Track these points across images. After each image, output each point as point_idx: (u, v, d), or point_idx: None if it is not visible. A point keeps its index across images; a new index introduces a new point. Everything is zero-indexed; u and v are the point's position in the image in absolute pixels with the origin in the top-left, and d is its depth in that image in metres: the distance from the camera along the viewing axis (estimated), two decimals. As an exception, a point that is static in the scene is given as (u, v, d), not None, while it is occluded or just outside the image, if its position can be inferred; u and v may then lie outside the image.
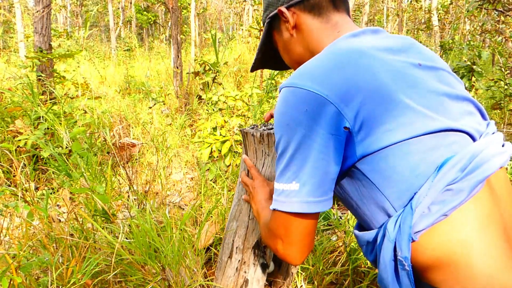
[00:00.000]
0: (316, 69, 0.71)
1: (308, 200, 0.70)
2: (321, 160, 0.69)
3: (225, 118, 3.22)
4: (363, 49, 0.73)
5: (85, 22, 6.03)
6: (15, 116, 3.17)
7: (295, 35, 0.89)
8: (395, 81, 0.70)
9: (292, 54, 0.92)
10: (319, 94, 0.68)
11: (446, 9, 12.51)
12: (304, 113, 0.69)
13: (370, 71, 0.69)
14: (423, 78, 0.74)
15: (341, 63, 0.70)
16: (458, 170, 0.66)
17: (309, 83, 0.69)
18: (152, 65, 8.38)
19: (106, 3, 16.26)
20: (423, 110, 0.69)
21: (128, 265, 1.46)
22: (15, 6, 6.94)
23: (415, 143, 0.67)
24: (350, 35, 0.81)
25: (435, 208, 0.66)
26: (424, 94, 0.72)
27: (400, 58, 0.75)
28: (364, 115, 0.67)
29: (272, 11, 0.90)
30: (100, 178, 2.22)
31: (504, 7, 4.67)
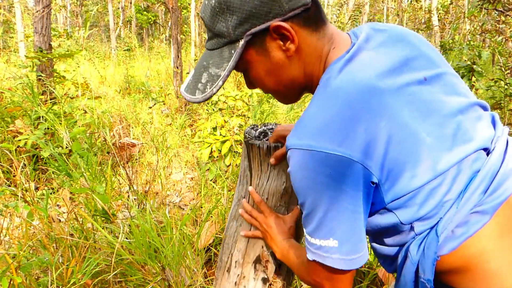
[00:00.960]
0: (329, 125, 0.64)
1: (350, 258, 0.69)
2: (356, 219, 0.67)
3: (225, 118, 3.22)
4: (370, 85, 0.65)
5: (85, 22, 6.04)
6: (15, 116, 3.17)
7: (293, 56, 0.72)
8: (412, 116, 0.66)
9: (282, 79, 0.75)
10: (342, 155, 0.62)
11: (446, 9, 12.52)
12: (329, 176, 0.64)
13: (387, 113, 0.64)
14: (434, 99, 0.71)
15: (355, 113, 0.63)
16: (481, 193, 0.67)
17: (327, 144, 0.63)
18: (152, 65, 8.38)
19: (106, 3, 16.26)
20: (443, 144, 0.68)
21: (128, 265, 1.46)
22: (15, 6, 6.94)
23: (441, 178, 0.67)
24: (346, 60, 0.70)
25: (459, 231, 0.67)
26: (441, 123, 0.69)
27: (406, 78, 0.70)
28: (390, 165, 0.65)
29: (258, 24, 0.69)
30: (100, 178, 2.22)
31: (504, 7, 4.67)
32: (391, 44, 0.74)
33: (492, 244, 0.67)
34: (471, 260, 0.67)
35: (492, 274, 0.66)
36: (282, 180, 0.98)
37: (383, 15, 17.91)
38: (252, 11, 0.68)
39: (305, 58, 0.73)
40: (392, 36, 0.76)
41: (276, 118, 4.15)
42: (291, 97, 0.82)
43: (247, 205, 0.99)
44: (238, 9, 0.68)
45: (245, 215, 0.99)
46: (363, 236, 0.70)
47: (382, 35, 0.76)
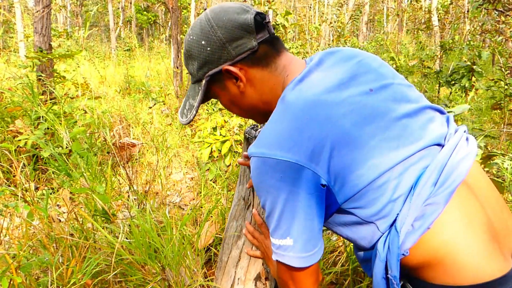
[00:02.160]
0: (279, 135, 0.74)
1: (303, 256, 0.76)
2: (307, 219, 0.74)
3: (225, 118, 3.22)
4: (316, 99, 0.75)
5: (85, 22, 6.03)
6: (15, 116, 3.17)
7: (246, 89, 0.85)
8: (355, 123, 0.73)
9: (243, 107, 0.89)
10: (289, 160, 0.71)
11: (446, 9, 12.51)
12: (280, 179, 0.72)
13: (329, 122, 0.72)
14: (379, 106, 0.77)
15: (300, 123, 0.73)
16: (431, 185, 0.71)
17: (276, 151, 0.72)
18: (152, 65, 8.38)
19: (106, 3, 16.26)
20: (388, 144, 0.73)
21: (128, 265, 1.46)
22: (15, 6, 6.94)
23: (387, 175, 0.72)
24: (298, 80, 0.80)
25: (417, 224, 0.71)
26: (385, 126, 0.75)
27: (351, 91, 0.77)
28: (335, 168, 0.71)
29: (212, 68, 0.83)
30: (100, 178, 2.22)
31: (504, 7, 4.67)
32: (341, 64, 0.83)
33: (457, 235, 0.70)
34: (438, 252, 0.70)
35: (462, 265, 0.68)
36: None
37: (383, 15, 17.91)
38: (206, 59, 0.83)
39: (259, 89, 0.85)
40: (343, 57, 0.85)
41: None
42: (258, 120, 0.95)
43: (250, 226, 1.07)
44: (197, 57, 0.84)
45: (248, 236, 1.06)
46: (315, 235, 0.76)
47: (333, 57, 0.86)
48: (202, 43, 0.82)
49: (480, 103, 4.87)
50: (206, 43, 0.81)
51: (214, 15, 0.82)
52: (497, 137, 3.36)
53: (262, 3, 5.26)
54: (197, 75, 0.87)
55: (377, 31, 18.62)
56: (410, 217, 0.70)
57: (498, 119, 4.38)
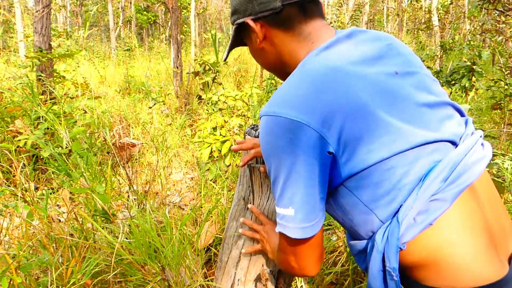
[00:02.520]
0: (295, 96, 0.71)
1: (303, 226, 0.74)
2: (311, 186, 0.72)
3: (225, 118, 3.22)
4: (338, 67, 0.73)
5: (84, 22, 6.01)
6: (15, 116, 3.17)
7: (265, 47, 0.86)
8: (374, 99, 0.71)
9: (264, 62, 0.91)
10: (301, 122, 0.69)
11: (446, 9, 12.51)
12: (289, 141, 0.70)
13: (348, 92, 0.70)
14: (402, 89, 0.75)
15: (318, 87, 0.71)
16: (441, 181, 0.69)
17: (290, 111, 0.70)
18: (152, 65, 8.38)
19: (106, 3, 16.26)
20: (404, 126, 0.71)
21: (128, 265, 1.46)
22: (15, 6, 6.94)
23: (397, 158, 0.69)
24: (323, 47, 0.78)
25: (420, 218, 0.69)
26: (404, 109, 0.73)
27: (376, 69, 0.75)
28: (346, 138, 0.69)
29: (239, 18, 0.86)
30: (100, 178, 2.22)
31: (504, 7, 4.66)
32: (371, 42, 0.82)
33: (455, 236, 0.68)
34: (435, 252, 0.68)
35: (456, 268, 0.67)
36: None
37: (383, 15, 17.91)
38: (236, 7, 0.87)
39: (278, 50, 0.86)
40: (375, 36, 0.84)
41: (276, 118, 4.15)
42: (279, 76, 0.94)
43: (247, 220, 1.07)
44: (232, 3, 0.89)
45: (246, 232, 1.06)
46: (317, 205, 0.74)
47: (365, 34, 0.84)
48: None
49: (480, 103, 4.87)
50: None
51: None
52: (497, 137, 3.36)
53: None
54: (231, 20, 0.91)
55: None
56: (414, 209, 0.68)
57: (498, 119, 4.38)
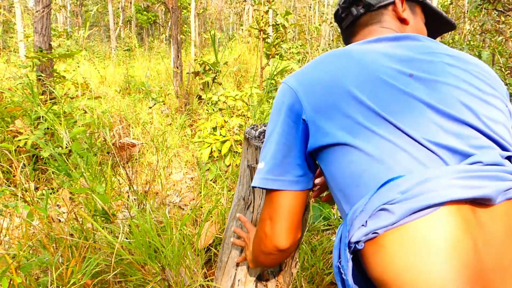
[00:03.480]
0: (302, 68, 0.80)
1: (266, 177, 0.78)
2: (283, 144, 0.78)
3: (225, 118, 3.22)
4: (348, 53, 0.76)
5: (85, 22, 6.01)
6: (15, 116, 3.17)
7: None
8: (361, 84, 0.70)
9: None
10: (291, 87, 0.78)
11: (446, 9, 12.51)
12: (281, 103, 0.79)
13: (335, 71, 0.73)
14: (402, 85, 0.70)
15: (317, 63, 0.78)
16: (399, 192, 0.61)
17: (291, 79, 0.79)
18: (152, 65, 8.37)
19: (106, 3, 16.26)
20: (384, 116, 0.67)
21: (128, 265, 1.46)
22: (15, 6, 6.94)
23: (357, 151, 0.67)
24: (364, 41, 0.83)
25: (370, 223, 0.63)
26: (395, 99, 0.68)
27: (388, 64, 0.72)
28: (319, 110, 0.72)
29: None
30: (100, 178, 2.22)
31: (504, 7, 4.66)
32: (415, 48, 0.78)
33: (413, 260, 0.58)
34: (397, 277, 0.59)
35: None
36: None
37: (383, 15, 17.87)
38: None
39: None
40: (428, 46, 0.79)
41: (276, 118, 4.14)
42: None
43: (237, 228, 1.10)
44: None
45: (236, 241, 1.09)
46: (285, 164, 0.78)
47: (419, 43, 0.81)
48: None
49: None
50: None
51: None
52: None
53: (262, 3, 5.26)
54: None
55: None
56: (364, 213, 0.63)
57: (498, 119, 4.37)
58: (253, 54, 8.23)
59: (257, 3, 5.38)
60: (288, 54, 8.08)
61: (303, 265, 1.68)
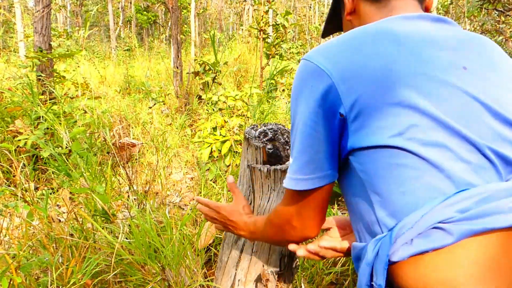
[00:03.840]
0: (333, 46, 0.68)
1: (297, 178, 0.70)
2: (312, 138, 0.67)
3: (225, 118, 3.22)
4: (393, 33, 0.66)
5: (85, 22, 6.02)
6: (15, 116, 3.17)
7: (353, 20, 0.83)
8: (412, 76, 0.61)
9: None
10: (324, 70, 0.65)
11: (446, 9, 12.51)
12: (309, 87, 0.67)
13: (384, 59, 0.63)
14: (458, 80, 0.63)
15: (357, 44, 0.66)
16: (457, 211, 0.56)
17: (320, 58, 0.67)
18: (152, 65, 8.38)
19: (106, 3, 16.26)
20: (442, 118, 0.59)
21: (128, 265, 1.46)
22: (15, 6, 6.94)
23: (411, 156, 0.59)
24: (401, 17, 0.71)
25: (417, 242, 0.58)
26: (452, 99, 0.61)
27: (440, 53, 0.65)
28: (363, 104, 0.62)
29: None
30: (100, 178, 2.22)
31: (504, 7, 4.66)
32: (461, 34, 0.71)
33: (462, 281, 0.54)
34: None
35: None
36: None
37: (383, 15, 17.89)
38: None
39: (361, 22, 0.80)
40: (470, 34, 0.73)
41: (276, 118, 4.15)
42: None
43: (203, 208, 1.04)
44: None
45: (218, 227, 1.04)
46: (317, 160, 0.68)
47: (457, 27, 0.74)
48: None
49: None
50: None
51: None
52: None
53: (262, 3, 5.26)
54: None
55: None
56: (414, 230, 0.57)
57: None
58: (253, 54, 8.23)
59: (257, 3, 5.38)
60: (288, 54, 8.08)
61: (303, 265, 1.68)
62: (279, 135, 1.12)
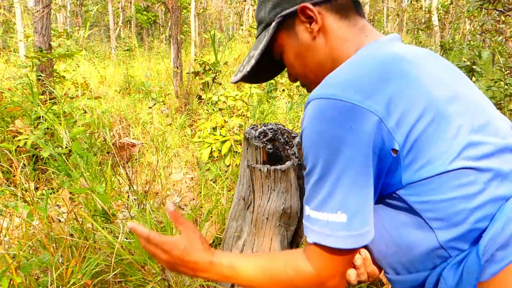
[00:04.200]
0: (360, 78, 0.61)
1: (363, 232, 0.61)
2: (369, 186, 0.60)
3: (225, 118, 3.22)
4: (408, 57, 0.64)
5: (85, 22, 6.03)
6: (15, 116, 3.17)
7: (318, 38, 0.75)
8: (447, 97, 0.61)
9: (309, 62, 0.77)
10: (365, 107, 0.57)
11: (446, 9, 12.51)
12: (350, 130, 0.58)
13: (421, 84, 0.61)
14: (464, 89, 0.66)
15: (388, 72, 0.61)
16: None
17: (354, 95, 0.58)
18: (152, 65, 8.37)
19: (106, 3, 16.26)
20: (477, 129, 0.61)
21: (128, 265, 1.46)
22: (15, 6, 6.94)
23: (475, 172, 0.58)
24: (386, 40, 0.71)
25: (500, 255, 0.57)
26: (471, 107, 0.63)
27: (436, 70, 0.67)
28: (416, 135, 0.58)
29: (287, 8, 0.75)
30: (100, 178, 2.22)
31: (504, 7, 4.67)
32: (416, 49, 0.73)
33: None
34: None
35: None
36: (282, 201, 1.04)
37: (383, 15, 17.91)
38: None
39: (332, 42, 0.75)
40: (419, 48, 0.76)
41: (276, 118, 4.15)
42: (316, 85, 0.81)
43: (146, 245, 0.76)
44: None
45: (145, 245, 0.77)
46: (365, 215, 0.61)
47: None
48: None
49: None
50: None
51: None
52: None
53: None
54: (268, 17, 0.78)
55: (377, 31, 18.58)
56: (496, 243, 0.55)
57: (498, 119, 4.38)
58: (253, 54, 8.21)
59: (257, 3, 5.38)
60: (288, 54, 8.07)
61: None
62: (279, 135, 1.12)
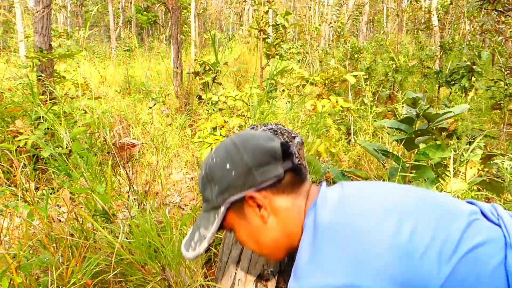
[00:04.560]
0: (342, 258, 0.62)
1: None
2: None
3: (225, 118, 3.22)
4: (364, 215, 0.69)
5: (85, 22, 6.03)
6: (15, 116, 3.17)
7: (269, 220, 0.78)
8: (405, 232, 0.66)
9: (263, 241, 0.80)
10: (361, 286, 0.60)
11: (446, 9, 12.51)
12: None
13: (387, 236, 0.65)
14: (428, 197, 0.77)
15: (362, 242, 0.63)
16: None
17: (370, 280, 0.60)
18: (152, 65, 8.38)
19: (106, 3, 16.26)
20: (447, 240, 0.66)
21: (128, 265, 1.46)
22: (15, 6, 6.94)
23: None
24: (320, 201, 0.73)
25: None
26: (434, 223, 0.68)
27: (374, 196, 0.75)
28: (400, 281, 0.62)
29: (235, 194, 0.77)
30: (100, 178, 2.22)
31: (504, 7, 4.67)
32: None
33: None
34: None
35: None
36: None
37: (383, 15, 17.91)
38: (230, 183, 0.77)
39: (284, 220, 0.78)
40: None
41: (276, 118, 4.15)
42: (276, 257, 0.84)
43: None
44: (219, 181, 0.78)
45: None
46: None
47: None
48: (227, 166, 0.77)
49: (480, 103, 4.86)
50: (231, 166, 0.77)
51: (241, 139, 0.79)
52: (497, 137, 3.36)
53: (262, 3, 5.26)
54: (216, 201, 0.80)
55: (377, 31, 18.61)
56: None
57: (498, 119, 4.38)
58: (253, 54, 8.24)
59: (257, 3, 5.38)
60: (288, 54, 8.09)
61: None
62: (279, 135, 1.12)
